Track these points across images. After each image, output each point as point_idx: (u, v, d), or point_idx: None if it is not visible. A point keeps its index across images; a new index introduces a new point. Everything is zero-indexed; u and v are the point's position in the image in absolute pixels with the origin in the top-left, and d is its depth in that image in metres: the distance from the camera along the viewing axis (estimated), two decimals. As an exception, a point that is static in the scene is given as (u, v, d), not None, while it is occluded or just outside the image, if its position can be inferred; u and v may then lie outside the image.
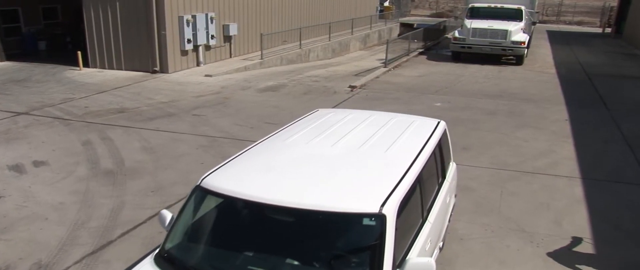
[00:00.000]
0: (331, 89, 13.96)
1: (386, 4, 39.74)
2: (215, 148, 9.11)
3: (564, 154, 9.08)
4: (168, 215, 4.20)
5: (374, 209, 3.44)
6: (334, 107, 12.03)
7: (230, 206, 3.81)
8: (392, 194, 3.61)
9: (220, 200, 3.84)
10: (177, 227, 3.94)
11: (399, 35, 30.43)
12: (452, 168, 5.55)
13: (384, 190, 3.64)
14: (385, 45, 20.82)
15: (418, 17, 42.42)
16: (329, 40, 23.38)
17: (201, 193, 3.91)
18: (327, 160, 4.09)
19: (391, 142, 4.55)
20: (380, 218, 3.43)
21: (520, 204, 6.95)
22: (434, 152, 4.72)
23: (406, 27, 32.97)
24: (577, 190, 7.49)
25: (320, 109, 5.76)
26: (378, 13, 34.40)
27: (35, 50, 19.97)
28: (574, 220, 6.56)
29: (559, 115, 11.80)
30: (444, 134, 5.31)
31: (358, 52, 25.56)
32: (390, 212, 3.48)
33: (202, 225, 3.97)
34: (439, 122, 5.33)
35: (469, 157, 8.74)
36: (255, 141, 4.93)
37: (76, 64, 16.35)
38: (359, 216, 3.46)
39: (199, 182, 3.97)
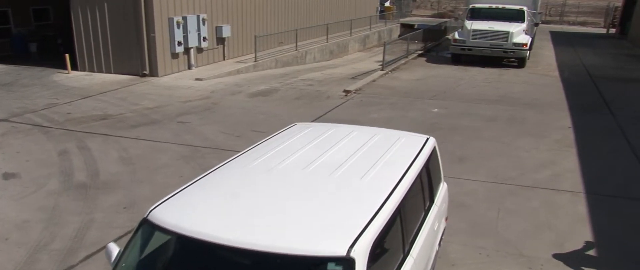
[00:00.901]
0: (324, 94, 13.44)
1: (387, 4, 39.19)
2: (196, 159, 8.61)
3: (567, 165, 8.54)
4: (115, 249, 3.71)
5: (340, 251, 2.93)
6: (326, 113, 11.52)
7: (179, 245, 3.31)
8: (364, 232, 3.10)
9: (168, 237, 3.33)
10: (121, 265, 3.44)
11: (399, 36, 29.91)
12: (442, 190, 5.03)
13: (355, 227, 3.13)
14: (388, 46, 20.31)
15: (419, 17, 41.88)
16: (327, 42, 22.87)
17: (148, 227, 3.41)
18: (295, 190, 3.58)
19: (370, 165, 4.04)
20: (348, 262, 2.91)
21: (519, 224, 6.42)
22: (420, 175, 4.21)
23: (407, 27, 32.41)
24: (581, 207, 6.96)
25: (298, 123, 5.25)
26: (378, 13, 33.85)
27: (26, 52, 19.51)
28: (578, 243, 6.03)
29: (562, 122, 11.26)
30: (433, 153, 4.79)
31: (357, 54, 25.04)
32: (361, 255, 2.97)
33: (149, 265, 3.46)
34: (427, 139, 4.81)
35: (465, 169, 8.21)
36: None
37: (65, 67, 15.88)
38: (323, 260, 2.94)
39: (147, 214, 3.47)
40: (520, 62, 18.95)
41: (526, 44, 18.50)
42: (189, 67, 16.42)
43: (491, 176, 7.95)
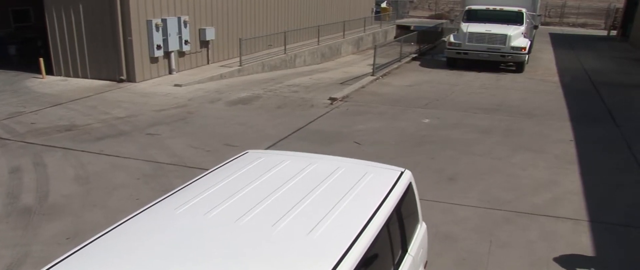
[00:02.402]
0: (309, 102, 12.61)
1: (383, 5, 38.39)
2: (158, 178, 7.80)
3: (569, 186, 7.73)
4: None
5: None
6: (307, 124, 10.69)
7: None
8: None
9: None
10: None
11: (395, 37, 29.10)
12: (419, 234, 4.22)
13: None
14: (380, 49, 19.46)
15: (417, 18, 41.09)
16: (318, 44, 22.05)
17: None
18: (217, 255, 2.76)
19: (325, 212, 3.23)
20: None
21: (513, 261, 5.61)
22: (388, 223, 3.40)
23: (403, 29, 31.59)
24: (585, 238, 6.15)
25: (250, 152, 4.44)
26: (374, 15, 33.05)
27: (5, 55, 18.69)
28: (581, 285, 5.24)
29: (563, 134, 10.45)
30: (409, 190, 3.98)
31: (350, 57, 24.25)
32: None
33: None
34: (401, 174, 4.00)
35: (455, 191, 7.40)
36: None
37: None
38: None
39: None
40: (518, 67, 18.13)
41: (525, 48, 17.69)
42: (170, 72, 15.61)
43: (484, 200, 7.13)
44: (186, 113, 11.41)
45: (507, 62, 18.26)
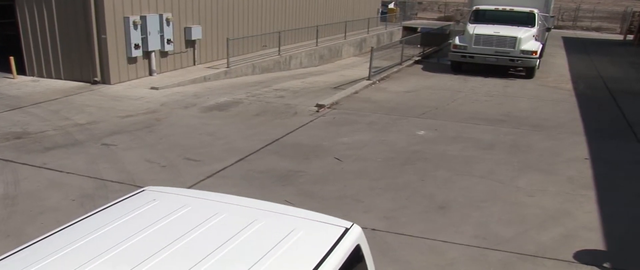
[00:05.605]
0: (293, 109, 11.39)
1: (391, 6, 37.13)
2: (97, 200, 6.63)
3: (584, 218, 6.44)
4: None
5: None
6: (284, 135, 9.46)
7: None
8: None
9: None
10: None
11: (400, 40, 27.86)
12: (371, 315, 2.98)
13: None
14: (382, 51, 18.28)
15: (425, 20, 39.73)
16: (316, 45, 20.85)
17: None
18: None
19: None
20: None
21: (513, 326, 4.37)
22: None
23: (409, 31, 30.32)
24: (604, 294, 4.89)
25: (148, 189, 3.24)
26: (379, 16, 31.80)
27: (-16, 53, 17.70)
28: None
29: (577, 151, 9.15)
30: (355, 257, 2.75)
31: (351, 59, 23.04)
32: None
33: None
34: (345, 232, 2.77)
35: (444, 224, 6.14)
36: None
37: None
38: None
39: None
40: (528, 72, 16.78)
41: (536, 52, 16.34)
42: (150, 74, 14.48)
43: (479, 236, 5.87)
44: (154, 120, 10.24)
45: (517, 67, 16.92)
